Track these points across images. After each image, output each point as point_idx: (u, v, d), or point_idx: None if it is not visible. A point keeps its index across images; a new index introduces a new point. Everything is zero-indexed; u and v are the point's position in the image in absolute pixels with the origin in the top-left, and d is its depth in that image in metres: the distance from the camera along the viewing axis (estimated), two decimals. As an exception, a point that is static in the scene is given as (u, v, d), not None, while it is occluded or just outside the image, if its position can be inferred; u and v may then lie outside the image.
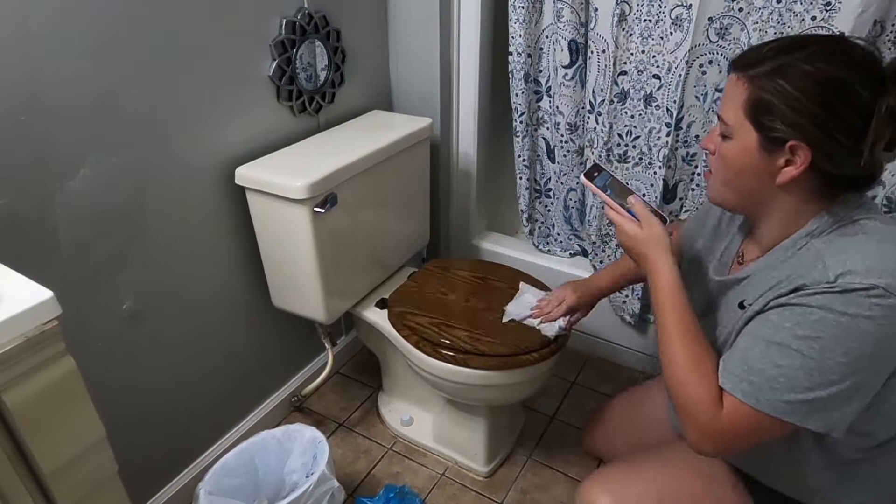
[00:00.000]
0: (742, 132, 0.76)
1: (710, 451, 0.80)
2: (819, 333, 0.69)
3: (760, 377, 0.73)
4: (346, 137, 1.35)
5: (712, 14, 1.28)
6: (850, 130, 0.70)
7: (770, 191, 0.77)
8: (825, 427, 0.72)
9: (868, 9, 1.11)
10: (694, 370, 0.79)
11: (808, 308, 0.70)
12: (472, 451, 1.47)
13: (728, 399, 0.76)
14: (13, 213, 0.93)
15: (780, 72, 0.72)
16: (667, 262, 0.85)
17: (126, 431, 1.11)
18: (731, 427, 0.76)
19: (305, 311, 1.38)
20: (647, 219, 0.88)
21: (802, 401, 0.71)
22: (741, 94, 0.75)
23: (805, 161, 0.72)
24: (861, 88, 0.69)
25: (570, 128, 1.59)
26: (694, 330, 0.82)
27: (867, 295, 0.67)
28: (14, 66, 0.88)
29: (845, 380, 0.69)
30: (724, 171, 0.81)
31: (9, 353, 0.58)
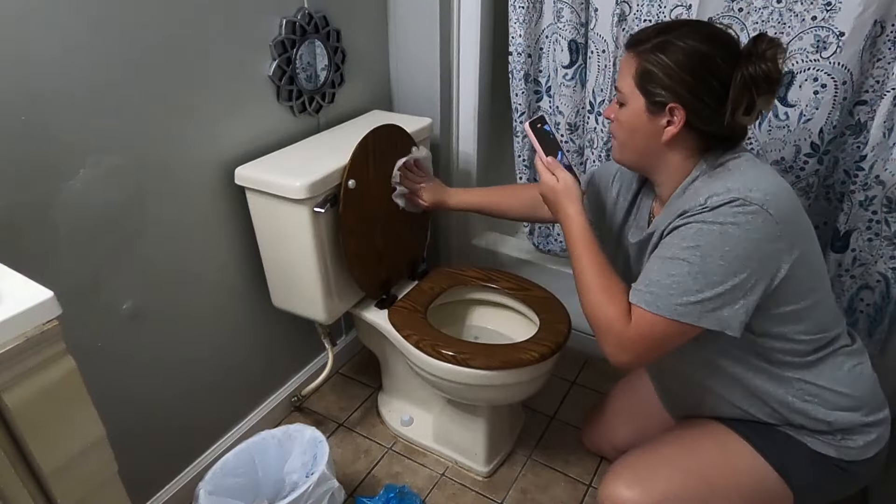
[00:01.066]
0: (633, 99, 0.92)
1: (627, 361, 0.92)
2: (698, 242, 0.84)
3: (658, 287, 0.87)
4: (346, 137, 1.35)
5: (712, 14, 1.28)
6: (713, 94, 0.86)
7: (658, 148, 0.93)
8: (719, 325, 0.85)
9: (868, 9, 1.11)
10: (605, 292, 0.93)
11: (688, 224, 0.86)
12: (472, 451, 1.47)
13: (635, 311, 0.90)
14: (13, 213, 0.93)
15: (660, 47, 0.88)
16: (577, 210, 1.01)
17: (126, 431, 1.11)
18: (638, 334, 0.89)
19: (305, 311, 1.38)
20: (562, 173, 1.04)
21: (693, 302, 0.84)
22: (632, 67, 0.91)
23: (681, 120, 0.88)
24: (720, 61, 0.85)
25: (570, 128, 1.59)
26: (603, 262, 0.97)
27: (730, 206, 0.83)
28: (14, 66, 0.88)
29: (727, 280, 0.83)
30: (621, 132, 0.97)
31: (9, 353, 0.58)
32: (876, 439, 0.96)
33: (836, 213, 1.31)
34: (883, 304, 1.33)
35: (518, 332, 1.51)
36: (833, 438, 0.95)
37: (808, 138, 1.25)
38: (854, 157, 1.26)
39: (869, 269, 1.31)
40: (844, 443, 0.95)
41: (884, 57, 1.16)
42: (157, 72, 1.08)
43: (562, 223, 1.04)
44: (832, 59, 1.16)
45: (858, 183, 1.25)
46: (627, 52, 0.93)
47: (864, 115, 1.22)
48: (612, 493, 1.00)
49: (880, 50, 1.16)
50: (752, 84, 0.83)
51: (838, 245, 1.30)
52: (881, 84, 1.18)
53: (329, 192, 1.25)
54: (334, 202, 1.26)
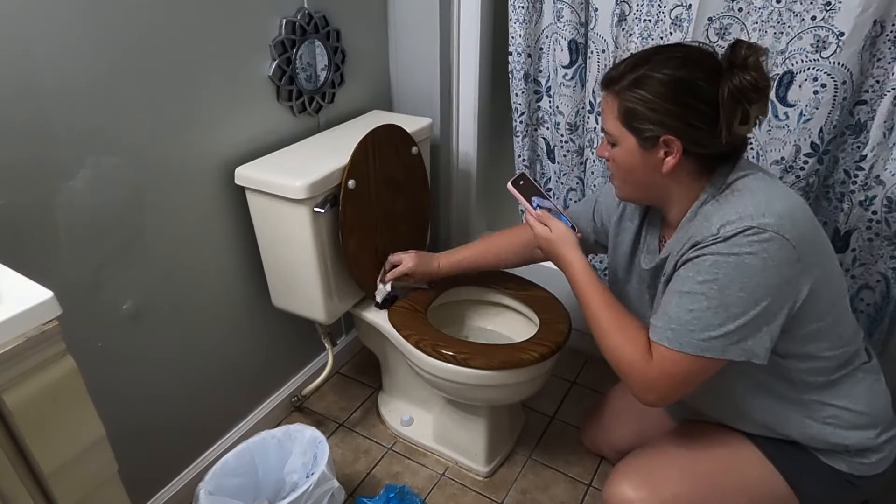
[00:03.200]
0: (623, 138, 0.90)
1: (654, 400, 0.90)
2: (715, 275, 0.82)
3: (678, 323, 0.85)
4: (346, 137, 1.35)
5: (712, 14, 1.28)
6: (703, 117, 0.83)
7: (661, 180, 0.91)
8: (744, 355, 0.83)
9: (868, 9, 1.10)
10: (620, 333, 0.92)
11: (703, 257, 0.83)
12: (472, 451, 1.47)
13: (656, 349, 0.87)
14: (13, 213, 0.93)
15: (636, 83, 0.86)
16: (577, 255, 1.01)
17: (126, 431, 1.11)
18: (662, 373, 0.87)
19: (305, 311, 1.38)
20: (554, 223, 1.04)
21: (716, 336, 0.82)
22: (613, 108, 0.89)
23: (678, 149, 0.86)
24: (701, 82, 0.83)
25: (570, 128, 1.59)
26: (613, 302, 0.96)
27: (745, 235, 0.80)
28: (14, 66, 0.88)
29: (748, 310, 0.81)
30: (620, 171, 0.95)
31: (9, 353, 0.58)
32: (887, 456, 0.95)
33: (836, 213, 1.31)
34: (883, 304, 1.33)
35: (518, 333, 1.51)
36: (846, 455, 0.95)
37: (808, 138, 1.25)
38: (854, 157, 1.26)
39: (869, 269, 1.31)
40: (857, 459, 0.94)
41: (884, 57, 1.16)
42: (157, 72, 1.08)
43: (564, 271, 1.03)
44: (832, 58, 1.16)
45: (858, 183, 1.25)
46: (604, 91, 0.91)
47: (864, 115, 1.22)
48: (616, 493, 0.99)
49: (880, 50, 1.16)
50: (740, 97, 0.81)
51: (838, 245, 1.30)
52: (881, 84, 1.18)
53: (329, 192, 1.25)
54: (334, 202, 1.26)
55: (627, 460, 1.06)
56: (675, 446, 1.06)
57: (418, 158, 1.47)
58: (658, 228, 1.03)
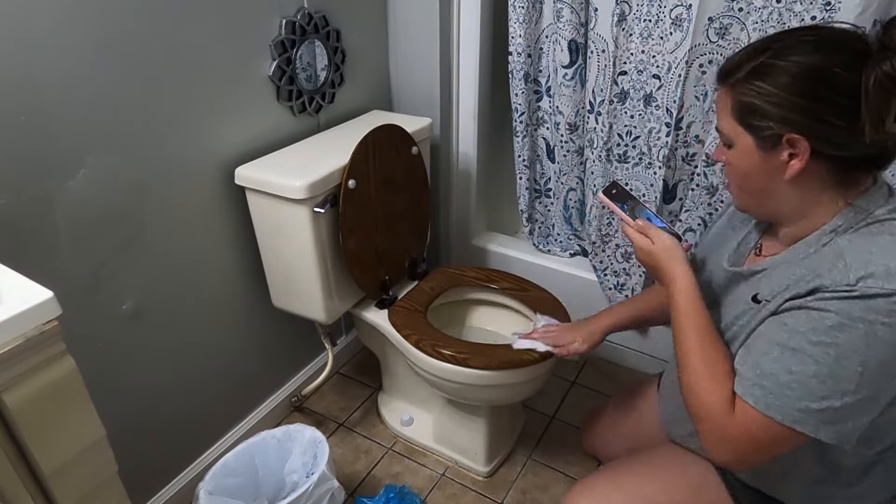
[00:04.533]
0: (739, 138, 0.78)
1: (725, 459, 0.78)
2: (835, 340, 0.67)
3: (773, 382, 0.71)
4: (346, 137, 1.35)
5: (712, 14, 1.28)
6: (839, 111, 0.69)
7: (783, 188, 0.77)
8: (837, 438, 0.70)
9: (868, 9, 1.11)
10: (708, 375, 0.79)
11: (826, 312, 0.68)
12: (472, 451, 1.47)
13: (740, 404, 0.74)
14: (13, 213, 0.93)
15: (755, 73, 0.74)
16: (682, 270, 0.86)
17: (126, 431, 1.11)
18: (743, 433, 0.74)
19: (305, 311, 1.38)
20: (656, 234, 0.90)
21: (815, 409, 0.69)
22: (727, 103, 0.78)
23: (806, 151, 0.72)
24: (840, 69, 0.69)
25: (570, 128, 1.59)
26: (712, 336, 0.82)
27: (888, 301, 0.65)
28: (14, 66, 0.88)
29: (861, 390, 0.67)
30: (735, 176, 0.83)
31: (9, 353, 0.58)
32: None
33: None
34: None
35: (518, 332, 1.51)
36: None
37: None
38: (854, 157, 1.25)
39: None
40: None
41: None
42: (157, 72, 1.08)
43: (666, 287, 0.89)
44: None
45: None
46: (720, 84, 0.79)
47: (864, 115, 1.22)
48: None
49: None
50: (892, 85, 0.65)
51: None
52: (881, 84, 1.18)
53: (329, 192, 1.25)
54: (334, 202, 1.26)
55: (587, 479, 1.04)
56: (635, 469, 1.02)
57: (418, 158, 1.47)
58: (761, 231, 0.90)
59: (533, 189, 1.79)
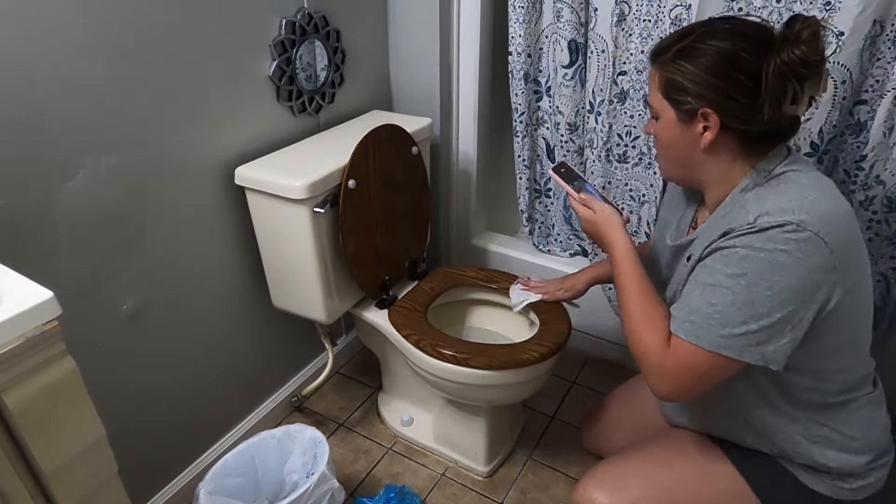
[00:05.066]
0: (664, 111, 0.89)
1: (667, 393, 0.87)
2: (744, 270, 0.78)
3: (699, 316, 0.81)
4: (346, 137, 1.35)
5: (712, 14, 1.28)
6: (745, 90, 0.80)
7: (700, 157, 0.88)
8: (762, 359, 0.79)
9: (867, 9, 1.10)
10: (646, 320, 0.89)
11: (734, 248, 0.79)
12: (472, 451, 1.47)
13: (674, 340, 0.84)
14: (13, 214, 0.93)
15: (680, 54, 0.84)
16: (621, 236, 0.98)
17: (126, 431, 1.11)
18: (677, 364, 0.84)
19: (305, 312, 1.38)
20: (598, 205, 1.02)
21: (736, 334, 0.78)
22: (656, 79, 0.88)
23: (716, 123, 0.83)
24: (747, 54, 0.79)
25: (569, 128, 1.59)
26: (647, 288, 0.93)
27: (782, 231, 0.75)
28: (14, 66, 0.88)
29: (774, 312, 0.77)
30: (661, 146, 0.94)
31: (9, 353, 0.58)
32: (871, 483, 0.92)
33: (836, 213, 1.31)
34: (883, 305, 1.33)
35: (518, 333, 1.51)
36: (828, 477, 0.92)
37: (807, 138, 1.24)
38: (854, 157, 1.26)
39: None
40: (837, 482, 0.91)
41: (883, 56, 1.16)
42: (156, 72, 1.08)
43: (607, 251, 1.00)
44: (832, 58, 1.16)
45: (858, 183, 1.25)
46: (651, 64, 0.90)
47: (864, 115, 1.22)
48: (583, 496, 1.00)
49: (880, 49, 1.16)
50: (788, 72, 0.76)
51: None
52: (881, 84, 1.18)
53: (329, 192, 1.25)
54: (334, 202, 1.26)
55: (598, 466, 1.07)
56: (646, 455, 1.05)
57: (418, 158, 1.47)
58: (694, 208, 1.01)
59: (533, 189, 1.79)
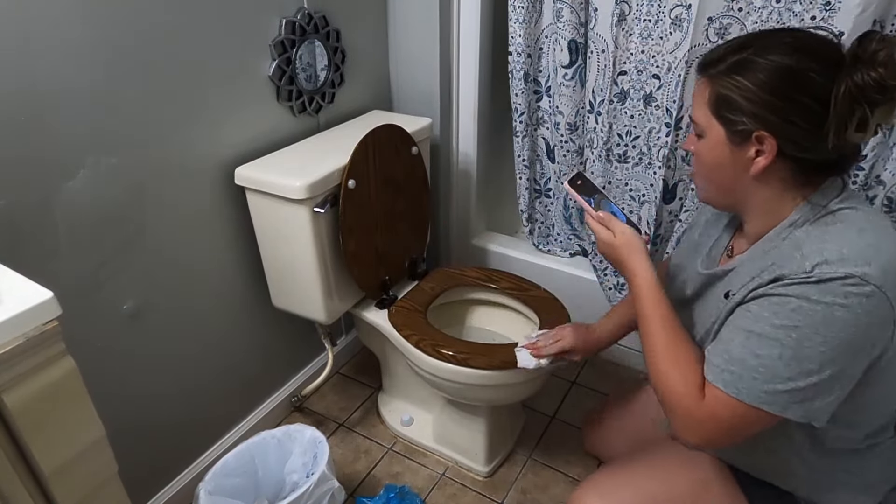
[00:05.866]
0: (711, 129, 0.80)
1: (695, 443, 0.81)
2: (796, 323, 0.71)
3: (741, 367, 0.75)
4: (346, 137, 1.35)
5: (712, 14, 1.28)
6: (809, 115, 0.72)
7: (747, 183, 0.80)
8: (806, 416, 0.73)
9: (867, 9, 1.11)
10: (675, 362, 0.82)
11: (786, 297, 0.72)
12: (472, 451, 1.47)
13: (710, 389, 0.78)
14: (13, 214, 0.93)
15: (735, 68, 0.76)
16: (642, 263, 0.89)
17: (126, 431, 1.11)
18: (711, 416, 0.77)
19: (305, 312, 1.38)
20: (617, 226, 0.92)
21: (782, 391, 0.72)
22: (704, 94, 0.80)
23: (772, 149, 0.75)
24: (815, 74, 0.72)
25: (569, 128, 1.59)
26: (674, 324, 0.85)
27: (843, 284, 0.69)
28: (14, 67, 0.88)
29: (824, 369, 0.71)
30: (703, 168, 0.85)
31: (9, 353, 0.58)
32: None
33: (836, 213, 1.31)
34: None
35: (518, 333, 1.51)
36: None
37: (807, 138, 1.24)
38: (854, 157, 1.26)
39: (869, 268, 1.31)
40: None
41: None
42: (156, 72, 1.08)
43: (627, 280, 0.92)
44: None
45: (858, 183, 1.25)
46: (699, 75, 0.81)
47: (864, 115, 1.22)
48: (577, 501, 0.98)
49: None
50: (860, 96, 0.68)
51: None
52: (881, 84, 1.18)
53: (329, 192, 1.25)
54: (334, 202, 1.26)
55: (594, 476, 1.05)
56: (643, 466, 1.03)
57: (418, 158, 1.47)
58: (730, 235, 0.94)
59: (533, 189, 1.79)
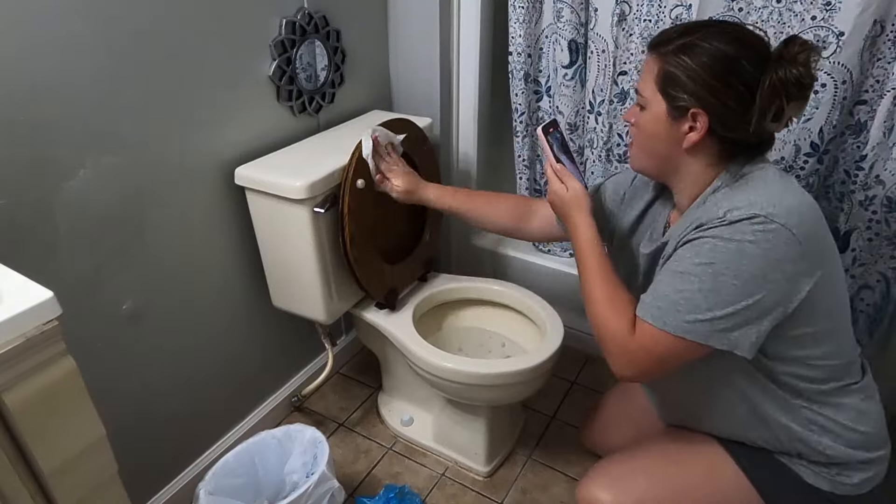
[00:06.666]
0: (654, 102, 0.88)
1: (630, 375, 0.89)
2: (712, 259, 0.80)
3: (666, 302, 0.83)
4: (346, 137, 1.35)
5: (712, 14, 1.28)
6: (739, 99, 0.81)
7: (679, 155, 0.89)
8: (728, 345, 0.81)
9: (868, 9, 1.11)
10: (610, 304, 0.91)
11: (703, 239, 0.82)
12: (472, 451, 1.47)
13: (640, 324, 0.86)
14: (13, 214, 0.93)
15: (683, 49, 0.84)
16: (585, 219, 0.98)
17: (126, 431, 1.11)
18: (642, 348, 0.86)
19: (305, 312, 1.38)
20: (571, 181, 1.01)
21: (702, 320, 0.81)
22: (653, 70, 0.87)
23: (704, 126, 0.84)
24: (747, 64, 0.81)
25: (570, 128, 1.59)
26: (609, 273, 0.94)
27: (750, 223, 0.78)
28: (14, 67, 0.88)
29: (739, 301, 0.79)
30: (641, 137, 0.93)
31: (9, 353, 0.58)
32: (872, 477, 0.93)
33: (837, 213, 1.31)
34: (883, 304, 1.34)
35: (518, 333, 1.51)
36: (829, 472, 0.92)
37: (807, 138, 1.25)
38: (854, 157, 1.26)
39: (869, 269, 1.31)
40: (839, 478, 0.92)
41: (884, 57, 1.16)
42: (156, 72, 1.08)
43: (569, 232, 1.01)
44: (832, 58, 1.16)
45: (858, 183, 1.25)
46: (650, 53, 0.89)
47: (864, 115, 1.22)
48: (586, 494, 1.00)
49: (880, 50, 1.16)
50: (781, 89, 0.78)
51: (838, 245, 1.30)
52: (881, 84, 1.18)
53: (329, 193, 1.25)
54: (334, 202, 1.26)
55: (602, 463, 1.07)
56: (650, 453, 1.06)
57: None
58: (666, 214, 1.02)
59: (533, 189, 1.79)
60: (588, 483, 1.02)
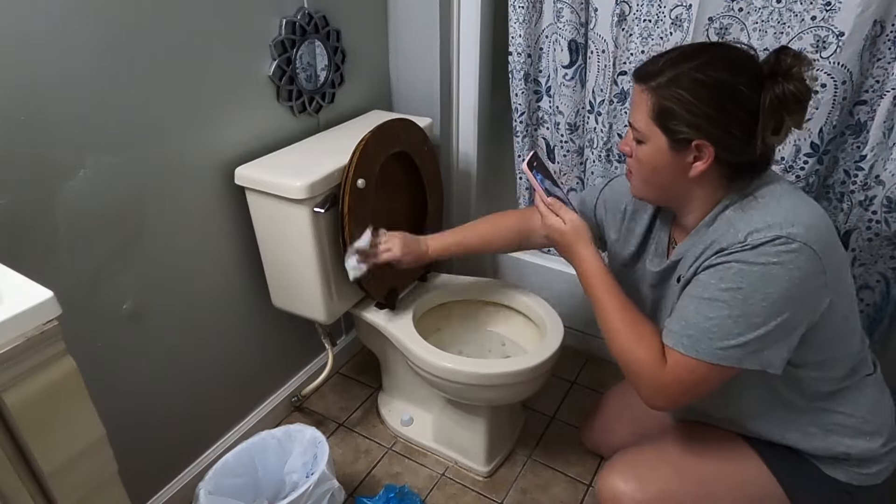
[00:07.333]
0: (653, 136, 0.86)
1: (663, 405, 0.90)
2: (739, 284, 0.80)
3: (696, 330, 0.83)
4: (346, 137, 1.35)
5: (712, 14, 1.28)
6: (742, 125, 0.81)
7: (685, 183, 0.88)
8: (760, 365, 0.82)
9: (868, 9, 1.11)
10: (633, 335, 0.90)
11: (728, 264, 0.82)
12: (472, 451, 1.47)
13: (671, 354, 0.86)
14: (13, 213, 0.93)
15: (676, 81, 0.82)
16: (590, 250, 0.98)
17: (126, 431, 1.11)
18: (675, 379, 0.85)
19: (305, 311, 1.38)
20: (567, 214, 1.00)
21: (735, 345, 0.81)
22: (646, 103, 0.85)
23: (710, 156, 0.84)
24: (745, 88, 0.80)
25: (570, 128, 1.59)
26: (626, 302, 0.94)
27: (773, 245, 0.79)
28: (14, 67, 0.88)
29: (769, 321, 0.80)
30: (643, 171, 0.91)
31: (9, 353, 0.58)
32: (887, 467, 0.95)
33: (836, 213, 1.31)
34: (883, 304, 1.34)
35: (518, 333, 1.51)
36: (846, 464, 0.94)
37: (807, 138, 1.25)
38: (854, 157, 1.26)
39: (869, 269, 1.31)
40: (857, 469, 0.94)
41: (883, 57, 1.16)
42: (156, 72, 1.08)
43: (575, 266, 1.00)
44: (832, 58, 1.16)
45: (858, 183, 1.25)
46: (638, 84, 0.87)
47: (864, 115, 1.22)
48: (607, 484, 1.00)
49: (880, 50, 1.16)
50: (781, 107, 0.79)
51: (838, 245, 1.31)
52: (881, 84, 1.18)
53: (329, 193, 1.25)
54: (334, 202, 1.26)
55: (621, 454, 1.07)
56: (670, 444, 1.06)
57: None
58: (668, 229, 1.01)
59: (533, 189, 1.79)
60: (610, 473, 1.02)
